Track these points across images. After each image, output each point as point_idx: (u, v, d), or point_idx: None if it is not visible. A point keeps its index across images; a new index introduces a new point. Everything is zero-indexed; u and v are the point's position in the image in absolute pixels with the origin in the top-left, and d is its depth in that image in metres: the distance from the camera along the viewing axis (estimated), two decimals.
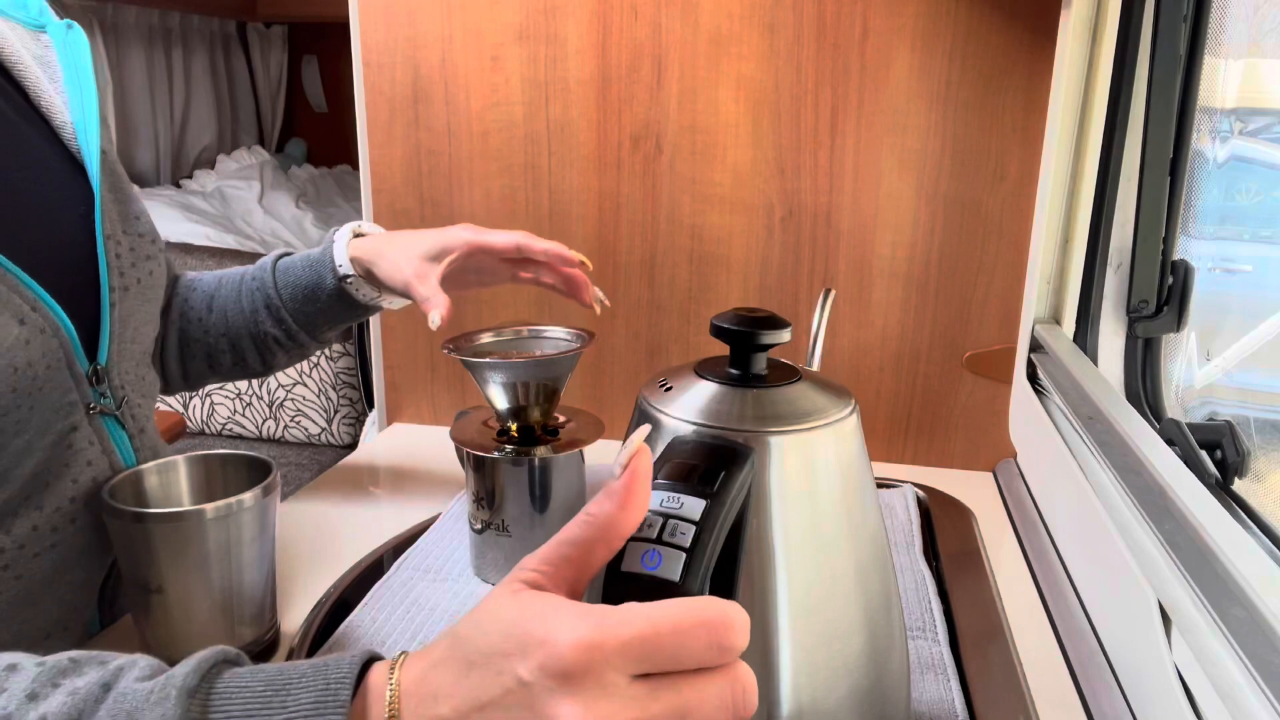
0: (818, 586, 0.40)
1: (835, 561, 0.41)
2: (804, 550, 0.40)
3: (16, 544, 0.54)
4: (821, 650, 0.40)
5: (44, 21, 0.63)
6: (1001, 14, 0.85)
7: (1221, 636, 0.42)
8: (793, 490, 0.40)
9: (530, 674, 0.30)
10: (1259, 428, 0.62)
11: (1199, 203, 0.75)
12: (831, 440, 0.41)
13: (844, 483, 0.42)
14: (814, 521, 0.41)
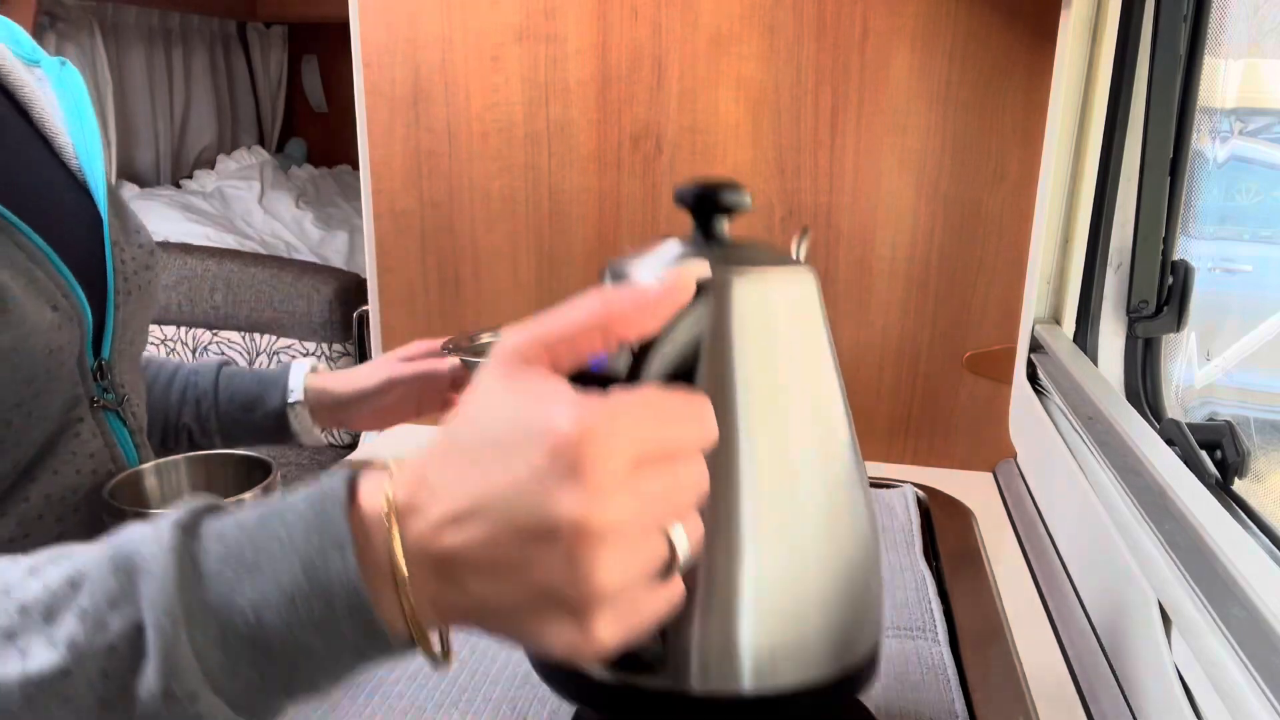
0: (775, 431, 0.40)
1: (793, 405, 0.41)
2: (761, 392, 0.39)
3: (23, 532, 0.54)
4: (782, 495, 0.39)
5: (38, 57, 0.66)
6: (1001, 14, 0.85)
7: (1221, 636, 0.42)
8: (750, 332, 0.39)
9: (538, 462, 0.29)
10: (1259, 428, 0.62)
11: (1199, 203, 0.75)
12: (789, 286, 0.41)
13: (802, 333, 0.42)
14: (770, 364, 0.40)
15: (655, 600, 0.31)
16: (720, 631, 0.38)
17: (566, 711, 0.55)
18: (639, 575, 0.30)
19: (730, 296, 0.39)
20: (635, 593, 0.30)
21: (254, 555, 0.31)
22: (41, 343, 0.53)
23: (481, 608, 0.31)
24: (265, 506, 0.33)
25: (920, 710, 0.55)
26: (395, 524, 0.31)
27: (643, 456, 0.30)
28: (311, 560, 0.31)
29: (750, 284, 0.40)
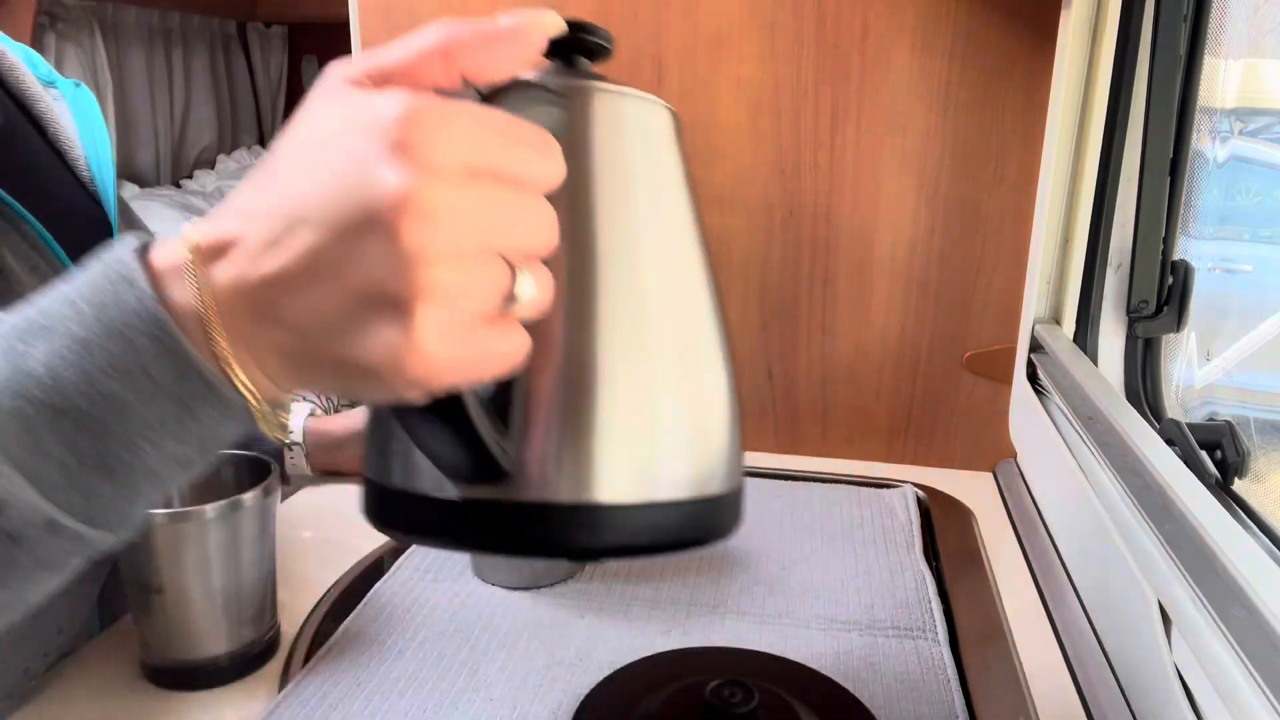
0: (628, 250, 0.38)
1: (649, 225, 0.40)
2: (616, 208, 0.38)
3: None
4: (636, 311, 0.37)
5: (53, 79, 0.67)
6: (1001, 14, 0.85)
7: (1221, 636, 0.42)
8: (605, 148, 0.38)
9: (359, 147, 0.27)
10: (1259, 428, 0.62)
11: (1199, 203, 0.75)
12: (648, 114, 0.41)
13: (659, 161, 0.41)
14: (625, 181, 0.39)
15: (494, 340, 0.29)
16: (571, 438, 0.35)
17: (567, 711, 0.55)
18: (471, 290, 0.28)
19: (587, 109, 0.38)
20: (468, 312, 0.28)
21: (43, 319, 0.29)
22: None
23: (300, 336, 0.28)
24: (51, 288, 0.30)
25: (920, 710, 0.55)
26: (197, 261, 0.28)
27: (480, 166, 0.28)
28: (104, 303, 0.29)
29: (607, 101, 0.39)
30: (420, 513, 0.36)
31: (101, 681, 0.58)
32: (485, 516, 0.35)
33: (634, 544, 0.36)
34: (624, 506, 0.35)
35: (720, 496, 0.39)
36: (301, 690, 0.56)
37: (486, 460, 0.33)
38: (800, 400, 1.00)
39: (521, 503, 0.34)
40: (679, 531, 0.37)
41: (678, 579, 0.71)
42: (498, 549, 0.36)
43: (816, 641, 0.63)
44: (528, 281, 0.29)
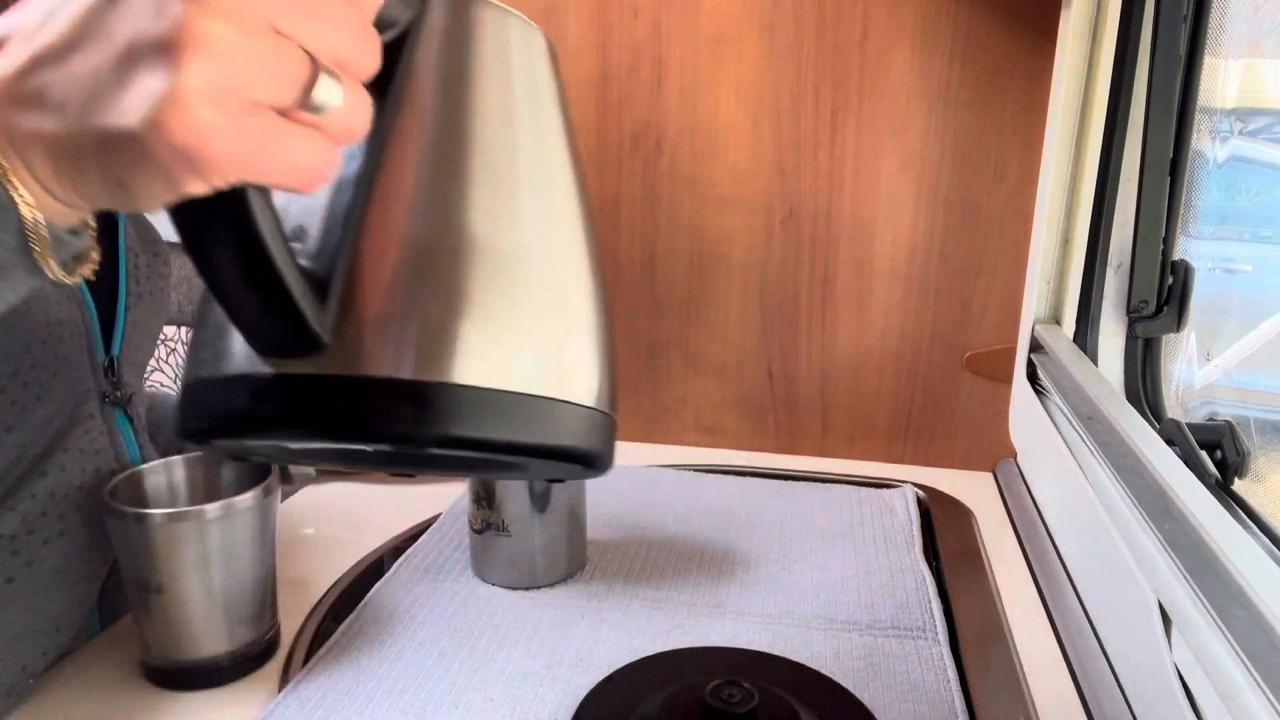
0: (496, 161, 0.35)
1: (513, 138, 0.37)
2: (487, 112, 0.35)
3: (27, 529, 0.54)
4: (498, 198, 0.35)
5: None
6: (1001, 14, 0.85)
7: (1221, 636, 0.42)
8: (480, 51, 0.36)
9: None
10: (1259, 428, 0.62)
11: (1199, 203, 0.75)
12: (522, 33, 0.38)
13: (527, 78, 0.38)
14: (497, 84, 0.36)
15: (286, 139, 0.27)
16: (403, 307, 0.32)
17: (567, 711, 0.55)
18: (252, 61, 0.26)
19: (465, 20, 0.36)
20: (248, 86, 0.26)
21: None
22: (40, 309, 0.54)
23: (64, 116, 0.26)
24: None
25: (920, 710, 0.55)
26: None
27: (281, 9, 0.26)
28: None
29: (486, 11, 0.37)
30: (227, 399, 0.32)
31: (101, 681, 0.58)
32: (299, 393, 0.31)
33: (468, 434, 0.32)
34: (462, 387, 0.31)
35: (574, 407, 0.35)
36: (301, 690, 0.56)
37: (296, 320, 0.29)
38: (800, 400, 1.00)
39: (342, 377, 0.30)
40: (526, 429, 0.33)
41: (678, 579, 0.71)
42: (312, 431, 0.31)
43: (816, 641, 0.63)
44: (331, 88, 0.27)
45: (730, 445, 1.03)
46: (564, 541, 0.70)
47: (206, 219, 0.28)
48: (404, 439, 0.31)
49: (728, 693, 0.50)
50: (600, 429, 0.37)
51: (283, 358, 0.31)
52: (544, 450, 0.34)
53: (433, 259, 0.32)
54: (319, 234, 0.32)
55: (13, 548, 0.54)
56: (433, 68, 0.34)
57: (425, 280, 0.32)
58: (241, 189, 0.27)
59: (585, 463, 0.36)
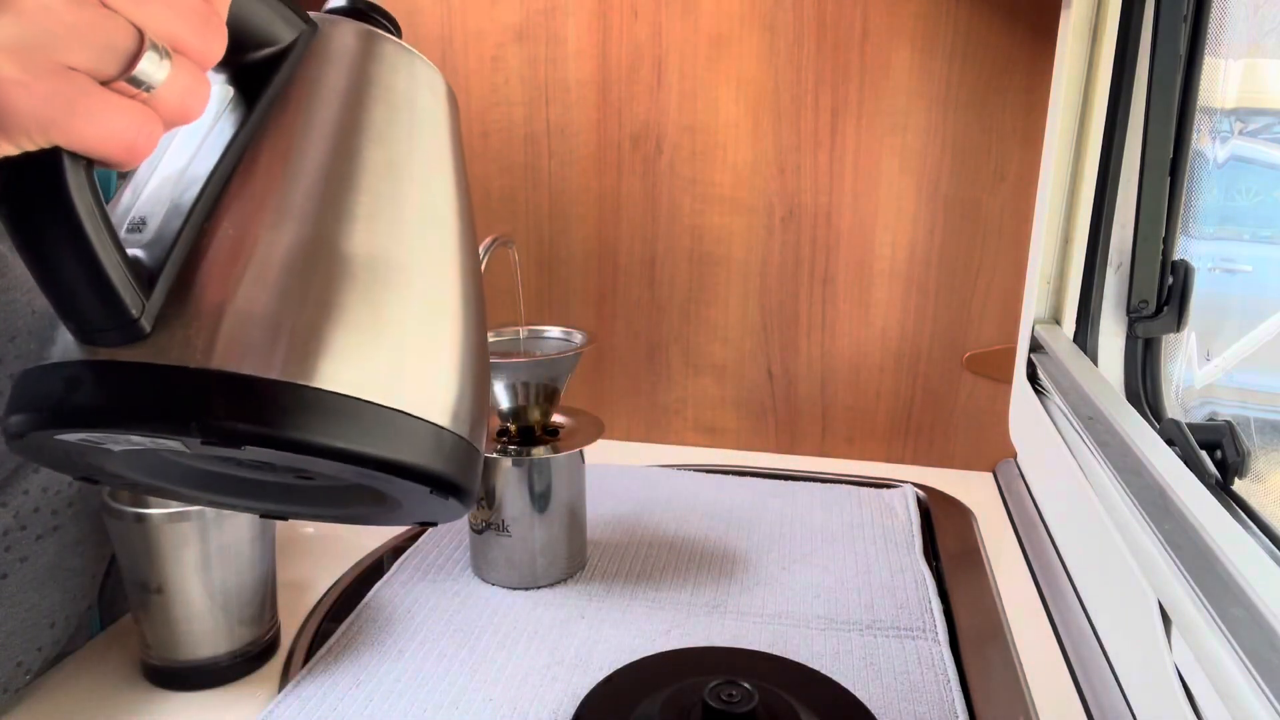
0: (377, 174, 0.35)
1: (395, 162, 0.36)
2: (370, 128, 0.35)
3: (19, 524, 0.54)
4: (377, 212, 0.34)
5: None
6: (1001, 14, 0.85)
7: (1221, 636, 0.42)
8: (380, 83, 0.36)
9: None
10: (1259, 428, 0.61)
11: (1199, 203, 0.75)
12: (421, 72, 0.39)
13: (427, 111, 0.38)
14: (392, 118, 0.36)
15: (101, 106, 0.27)
16: (237, 298, 0.30)
17: (567, 711, 0.55)
18: (63, 23, 0.26)
19: (363, 50, 0.36)
20: (58, 48, 0.26)
21: None
22: (24, 300, 0.54)
23: None
24: None
25: (920, 710, 0.55)
26: None
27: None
28: None
29: (386, 47, 0.37)
30: (42, 388, 0.30)
31: (101, 681, 0.58)
32: (113, 380, 0.30)
33: (284, 435, 0.30)
34: (284, 384, 0.30)
35: (424, 424, 0.33)
36: (301, 690, 0.56)
37: (113, 303, 0.28)
38: (800, 400, 1.00)
39: (157, 365, 0.29)
40: (356, 438, 0.31)
41: (678, 579, 0.71)
42: (122, 421, 0.30)
43: (816, 641, 0.63)
44: (156, 63, 0.27)
45: (730, 445, 1.03)
46: (564, 541, 0.70)
47: (20, 185, 0.27)
48: (213, 433, 0.29)
49: (728, 693, 0.50)
50: (453, 451, 0.35)
51: (102, 345, 0.30)
52: (374, 461, 0.32)
53: (267, 256, 0.31)
54: (159, 225, 0.31)
55: (5, 543, 0.54)
56: (320, 86, 0.35)
57: (256, 276, 0.31)
58: (56, 156, 0.27)
59: (432, 484, 0.34)
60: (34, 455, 0.34)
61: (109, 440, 0.32)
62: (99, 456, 0.35)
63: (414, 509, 0.39)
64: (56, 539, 0.57)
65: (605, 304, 1.01)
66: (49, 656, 0.58)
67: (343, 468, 0.32)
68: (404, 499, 0.37)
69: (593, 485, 0.74)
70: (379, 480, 0.34)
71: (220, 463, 0.38)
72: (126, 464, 0.36)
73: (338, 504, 0.40)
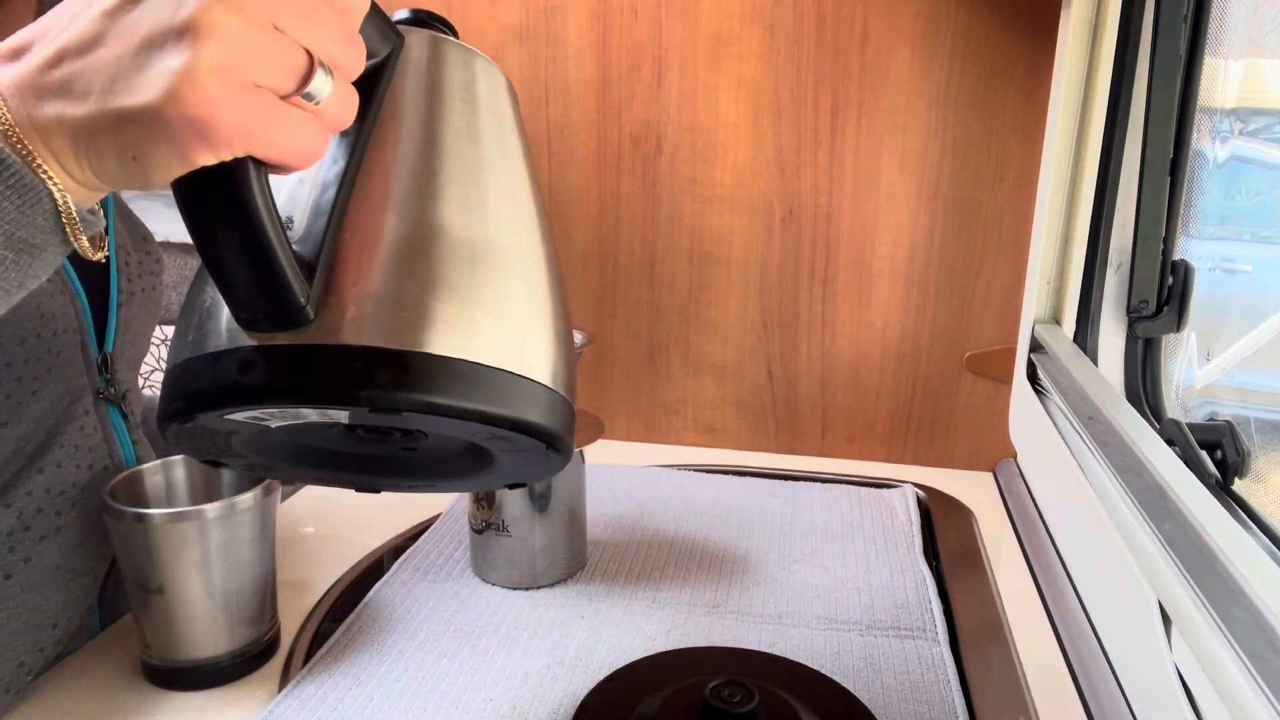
0: (466, 173, 0.39)
1: (484, 157, 0.41)
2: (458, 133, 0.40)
3: (23, 525, 0.55)
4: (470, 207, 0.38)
5: None
6: (1001, 14, 0.85)
7: (1221, 636, 0.42)
8: (436, 84, 0.40)
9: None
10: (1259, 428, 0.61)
11: (1199, 203, 0.75)
12: (491, 72, 0.44)
13: (496, 103, 0.43)
14: (469, 109, 0.41)
15: (283, 119, 0.30)
16: (385, 281, 0.34)
17: (567, 711, 0.55)
18: (256, 49, 0.29)
19: (439, 48, 0.41)
20: (253, 70, 0.29)
21: None
22: (33, 304, 0.54)
23: (86, 98, 0.30)
24: None
25: (920, 710, 0.55)
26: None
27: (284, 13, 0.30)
28: None
29: (455, 50, 0.42)
30: (213, 373, 0.34)
31: (101, 681, 0.58)
32: (285, 361, 0.33)
33: (439, 399, 0.34)
34: (433, 356, 0.34)
35: (536, 385, 0.37)
36: (301, 690, 0.56)
37: (285, 293, 0.32)
38: (800, 400, 1.00)
39: (324, 346, 0.33)
40: (491, 399, 0.35)
41: (678, 579, 0.71)
42: (297, 397, 0.33)
43: (816, 641, 0.63)
44: (324, 80, 0.31)
45: (730, 445, 1.03)
46: (564, 541, 0.70)
47: (209, 192, 0.30)
48: (380, 403, 0.33)
49: (728, 693, 0.50)
50: (561, 411, 0.39)
51: (272, 330, 0.33)
52: (509, 422, 0.36)
53: (405, 245, 0.35)
54: (305, 223, 0.35)
55: (9, 544, 0.54)
56: (409, 90, 0.39)
57: (398, 263, 0.35)
58: (243, 163, 0.30)
59: (548, 441, 0.38)
60: (180, 439, 0.37)
61: (276, 417, 0.36)
62: (243, 436, 0.38)
63: (511, 469, 0.43)
64: (60, 540, 0.57)
65: (605, 304, 1.01)
66: (50, 656, 0.58)
67: (479, 430, 0.36)
68: (508, 459, 0.42)
69: (593, 485, 0.74)
70: (504, 441, 0.38)
71: (341, 439, 0.41)
72: (256, 445, 0.40)
73: (435, 472, 0.44)
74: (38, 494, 0.55)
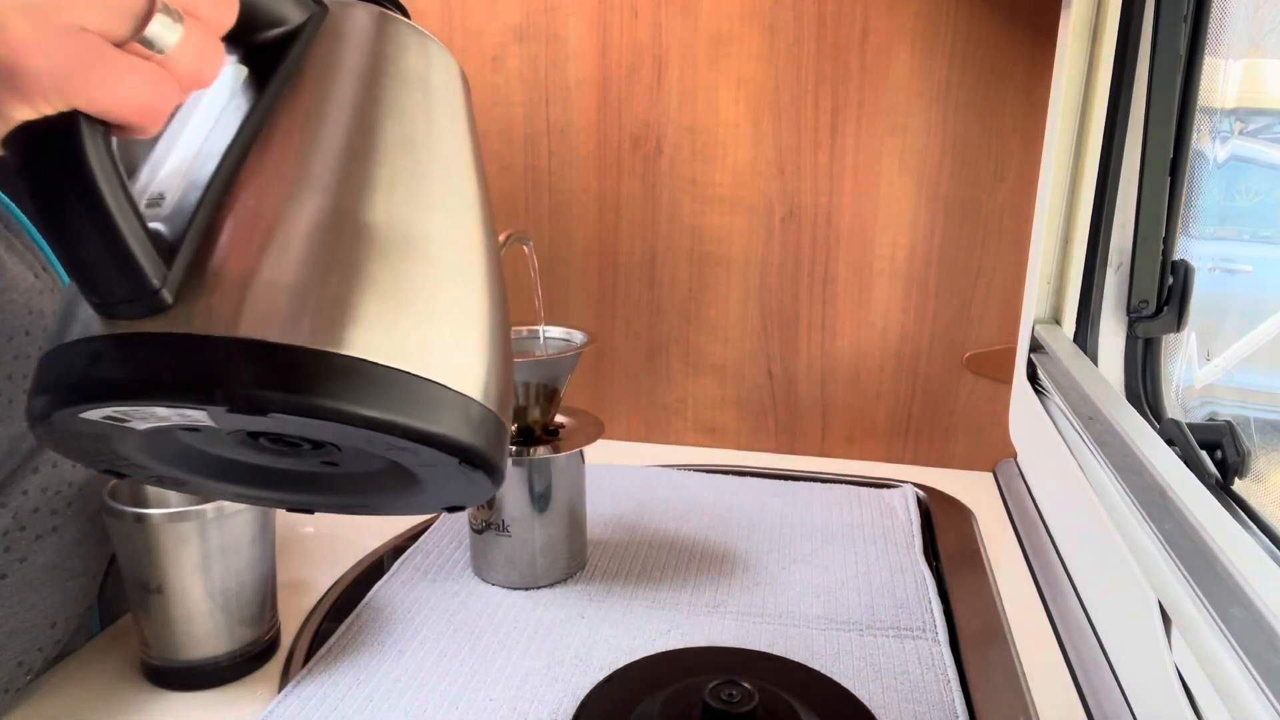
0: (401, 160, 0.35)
1: (421, 146, 0.36)
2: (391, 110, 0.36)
3: (18, 525, 0.54)
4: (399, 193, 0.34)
5: None
6: (1001, 14, 0.85)
7: (1221, 636, 0.42)
8: (403, 62, 0.37)
9: None
10: (1259, 428, 0.61)
11: (1199, 203, 0.75)
12: (440, 58, 0.39)
13: (444, 89, 0.39)
14: (413, 96, 0.37)
15: (113, 67, 0.27)
16: (263, 266, 0.30)
17: (567, 711, 0.55)
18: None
19: (381, 33, 0.37)
20: (72, 10, 0.26)
21: None
22: (21, 300, 0.54)
23: None
24: None
25: (920, 710, 0.55)
26: None
27: None
28: None
29: (403, 30, 0.38)
30: (66, 365, 0.30)
31: (101, 681, 0.58)
32: (137, 351, 0.29)
33: (312, 402, 0.29)
34: (308, 350, 0.29)
35: (450, 393, 0.32)
36: (301, 690, 0.56)
37: (135, 274, 0.28)
38: (800, 400, 1.00)
39: (183, 335, 0.29)
40: (391, 407, 0.30)
41: (678, 579, 0.71)
42: (150, 393, 0.29)
43: (816, 641, 0.63)
44: (167, 26, 0.27)
45: (730, 445, 1.03)
46: (564, 541, 0.70)
47: (39, 153, 0.27)
48: (240, 402, 0.29)
49: (728, 693, 0.50)
50: (482, 424, 0.34)
51: (124, 318, 0.29)
52: (401, 429, 0.31)
53: (296, 228, 0.31)
54: (177, 198, 0.31)
55: (5, 544, 0.54)
56: (340, 65, 0.35)
57: (281, 247, 0.31)
58: (73, 119, 0.27)
59: (460, 454, 0.33)
60: (58, 443, 0.33)
61: (135, 417, 0.31)
62: (123, 440, 0.34)
63: (441, 490, 0.38)
64: (56, 539, 0.57)
65: (605, 304, 1.01)
66: (49, 656, 0.58)
67: (371, 438, 0.31)
68: (431, 478, 0.37)
69: (593, 485, 0.74)
70: (408, 453, 0.33)
71: (246, 450, 0.37)
72: (150, 451, 0.36)
73: (364, 491, 0.40)
74: (34, 493, 0.55)
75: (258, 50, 0.34)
